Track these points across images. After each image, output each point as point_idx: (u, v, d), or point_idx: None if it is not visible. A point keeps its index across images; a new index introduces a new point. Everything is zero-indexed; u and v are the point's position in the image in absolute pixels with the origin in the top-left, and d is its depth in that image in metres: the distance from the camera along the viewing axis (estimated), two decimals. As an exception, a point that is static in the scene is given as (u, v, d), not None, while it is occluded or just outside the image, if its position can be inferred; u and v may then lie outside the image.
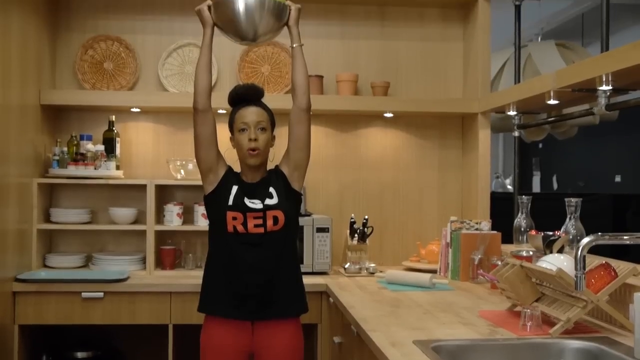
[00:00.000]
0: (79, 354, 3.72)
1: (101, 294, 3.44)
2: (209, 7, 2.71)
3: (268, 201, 2.71)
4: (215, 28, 2.74)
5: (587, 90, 2.91)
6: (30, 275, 3.49)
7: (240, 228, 2.68)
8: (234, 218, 2.68)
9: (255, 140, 2.72)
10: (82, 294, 3.43)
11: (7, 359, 3.35)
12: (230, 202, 2.70)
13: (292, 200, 2.78)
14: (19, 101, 3.47)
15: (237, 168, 2.82)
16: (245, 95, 2.80)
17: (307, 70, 2.78)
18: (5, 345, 3.32)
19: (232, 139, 2.82)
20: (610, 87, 2.79)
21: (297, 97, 2.78)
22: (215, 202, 2.74)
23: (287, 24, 2.77)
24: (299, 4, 2.77)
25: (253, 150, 2.71)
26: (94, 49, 4.00)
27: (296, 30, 2.78)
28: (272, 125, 2.84)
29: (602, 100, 2.87)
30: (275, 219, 2.70)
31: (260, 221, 2.69)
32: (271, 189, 2.74)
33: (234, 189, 2.72)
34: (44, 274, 3.58)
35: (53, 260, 3.79)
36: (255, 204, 2.70)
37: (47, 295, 3.43)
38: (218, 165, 2.77)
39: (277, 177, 2.79)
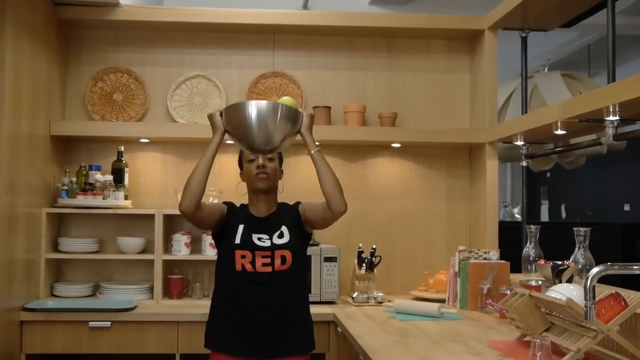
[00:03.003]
0: (86, 384, 3.71)
1: (108, 323, 3.43)
2: (221, 113, 2.67)
3: (277, 240, 2.72)
4: (226, 134, 2.69)
5: (594, 121, 2.91)
6: (38, 305, 3.49)
7: (248, 267, 2.69)
8: (243, 256, 2.69)
9: (264, 167, 2.74)
10: (90, 323, 3.42)
11: (14, 389, 3.34)
12: (238, 241, 2.70)
13: (303, 239, 2.78)
14: (29, 132, 3.51)
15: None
16: None
17: (333, 174, 2.67)
18: (12, 375, 3.31)
19: (241, 174, 2.85)
20: (617, 118, 2.80)
21: (332, 206, 2.66)
22: (223, 240, 2.75)
23: (299, 131, 2.68)
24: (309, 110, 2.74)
25: (262, 174, 2.73)
26: (104, 80, 4.05)
27: (310, 138, 2.69)
28: (280, 159, 2.87)
29: (610, 131, 2.87)
30: (283, 259, 2.71)
31: (268, 260, 2.69)
32: (283, 228, 2.74)
33: (241, 227, 2.72)
34: (51, 303, 3.58)
35: (61, 289, 3.79)
36: (263, 241, 2.71)
37: (55, 325, 3.43)
38: (221, 214, 2.76)
39: (291, 213, 2.79)
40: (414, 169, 4.25)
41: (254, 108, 2.54)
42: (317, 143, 2.70)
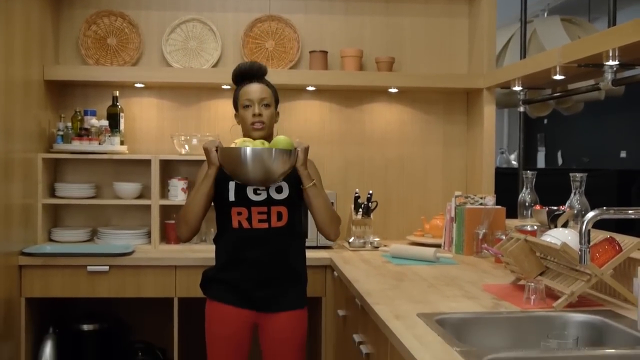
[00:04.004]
0: (85, 327, 3.75)
1: (106, 268, 3.46)
2: (217, 148, 2.62)
3: (275, 195, 2.70)
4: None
5: (593, 66, 2.89)
6: (36, 249, 3.51)
7: (245, 224, 2.69)
8: (239, 213, 2.69)
9: (260, 115, 2.73)
10: (88, 267, 3.45)
11: (15, 331, 3.38)
12: (232, 198, 2.70)
13: (301, 194, 2.76)
14: (23, 77, 3.47)
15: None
16: (248, 73, 2.80)
17: (327, 209, 2.71)
18: (13, 317, 3.35)
19: (236, 115, 2.83)
20: (616, 62, 2.77)
21: (323, 235, 2.79)
22: (217, 198, 2.74)
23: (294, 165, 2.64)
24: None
25: (258, 123, 2.72)
26: (97, 24, 3.99)
27: (305, 172, 2.66)
28: (276, 101, 2.84)
29: (609, 76, 2.85)
30: (280, 215, 2.71)
31: (264, 217, 2.70)
32: (283, 182, 2.72)
33: (231, 185, 2.71)
34: (49, 247, 3.60)
35: (58, 234, 3.81)
36: (259, 194, 2.69)
37: (53, 269, 3.45)
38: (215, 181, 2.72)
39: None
40: (411, 114, 4.23)
41: (249, 155, 2.52)
42: (312, 179, 2.69)
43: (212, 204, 2.78)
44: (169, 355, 3.66)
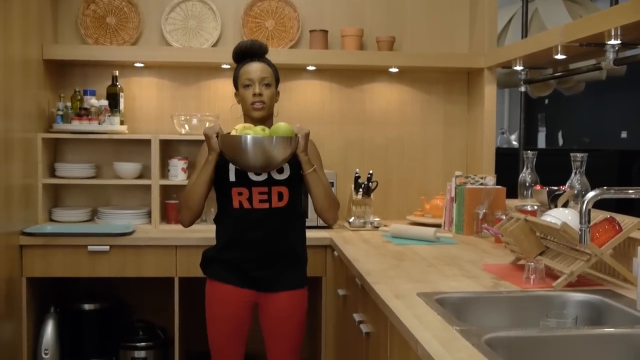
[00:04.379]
0: (86, 306, 3.77)
1: (107, 248, 3.46)
2: (217, 134, 2.60)
3: (276, 175, 2.70)
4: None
5: (595, 45, 2.87)
6: (36, 229, 3.51)
7: (245, 204, 2.69)
8: (240, 193, 2.69)
9: (260, 95, 2.71)
10: (88, 247, 3.45)
11: (16, 310, 3.39)
12: (233, 178, 2.69)
13: (299, 173, 2.75)
14: (22, 56, 3.45)
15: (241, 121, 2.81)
16: (249, 52, 2.78)
17: (327, 194, 2.74)
18: (14, 297, 3.36)
19: (236, 94, 2.82)
20: (618, 42, 2.76)
21: (321, 219, 2.82)
22: (218, 179, 2.74)
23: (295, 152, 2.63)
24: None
25: (258, 103, 2.71)
26: (96, 3, 3.96)
27: (305, 158, 2.66)
28: (277, 81, 2.83)
29: (610, 55, 2.84)
30: (280, 195, 2.71)
31: (265, 197, 2.69)
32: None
33: (232, 166, 2.69)
34: (50, 227, 3.60)
35: (59, 214, 3.82)
36: (260, 175, 2.69)
37: (54, 249, 3.46)
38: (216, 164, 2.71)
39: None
40: (411, 94, 4.21)
41: (249, 142, 2.50)
42: (312, 164, 2.69)
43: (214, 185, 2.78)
44: (170, 335, 3.68)
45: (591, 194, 1.97)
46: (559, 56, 3.20)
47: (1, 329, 3.19)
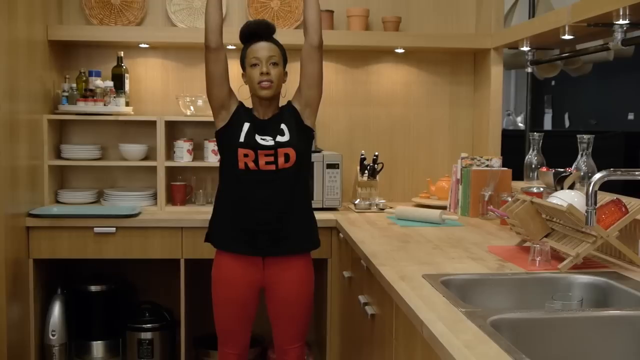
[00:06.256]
0: (93, 288, 3.79)
1: (113, 229, 3.47)
2: None
3: (279, 138, 2.71)
4: None
5: (603, 25, 2.85)
6: (43, 211, 3.52)
7: (251, 165, 2.68)
8: (245, 155, 2.68)
9: (267, 74, 2.71)
10: (95, 229, 3.46)
11: (24, 292, 3.41)
12: (242, 139, 2.70)
13: (304, 137, 2.77)
14: (26, 37, 3.44)
15: (249, 104, 2.81)
16: (256, 31, 2.77)
17: (319, 6, 2.74)
18: (21, 278, 3.38)
19: (243, 75, 2.81)
20: (627, 22, 2.73)
21: (308, 34, 2.75)
22: (226, 138, 2.74)
23: None
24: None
25: (265, 82, 2.69)
26: (101, -17, 3.94)
27: None
28: (284, 60, 2.82)
29: (618, 35, 2.81)
30: (287, 157, 2.70)
31: (271, 158, 2.69)
32: (283, 126, 2.73)
33: (246, 126, 2.72)
34: (56, 209, 3.61)
35: (65, 196, 3.82)
36: (267, 140, 2.70)
37: (60, 230, 3.47)
38: (230, 102, 2.77)
39: (289, 113, 2.79)
40: (417, 75, 4.19)
41: None
42: None
43: (218, 147, 2.78)
44: (176, 316, 3.70)
45: (597, 175, 1.96)
46: (567, 36, 3.18)
47: (9, 310, 3.21)
